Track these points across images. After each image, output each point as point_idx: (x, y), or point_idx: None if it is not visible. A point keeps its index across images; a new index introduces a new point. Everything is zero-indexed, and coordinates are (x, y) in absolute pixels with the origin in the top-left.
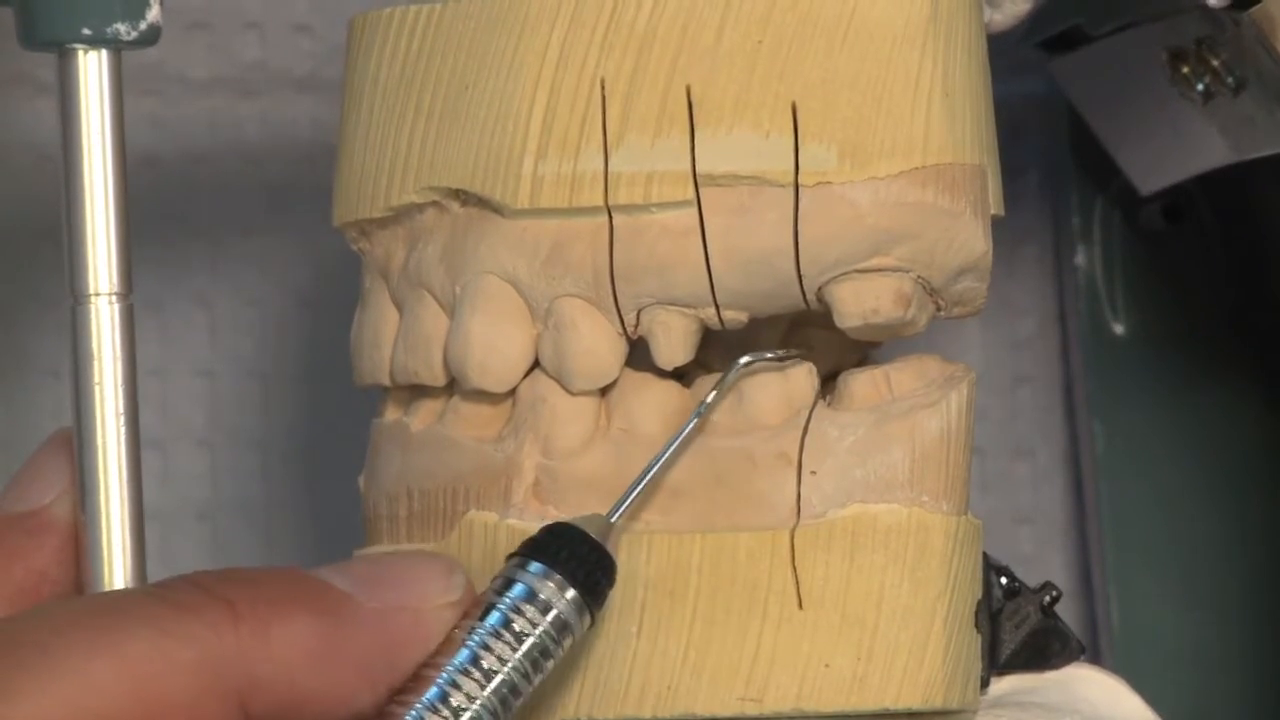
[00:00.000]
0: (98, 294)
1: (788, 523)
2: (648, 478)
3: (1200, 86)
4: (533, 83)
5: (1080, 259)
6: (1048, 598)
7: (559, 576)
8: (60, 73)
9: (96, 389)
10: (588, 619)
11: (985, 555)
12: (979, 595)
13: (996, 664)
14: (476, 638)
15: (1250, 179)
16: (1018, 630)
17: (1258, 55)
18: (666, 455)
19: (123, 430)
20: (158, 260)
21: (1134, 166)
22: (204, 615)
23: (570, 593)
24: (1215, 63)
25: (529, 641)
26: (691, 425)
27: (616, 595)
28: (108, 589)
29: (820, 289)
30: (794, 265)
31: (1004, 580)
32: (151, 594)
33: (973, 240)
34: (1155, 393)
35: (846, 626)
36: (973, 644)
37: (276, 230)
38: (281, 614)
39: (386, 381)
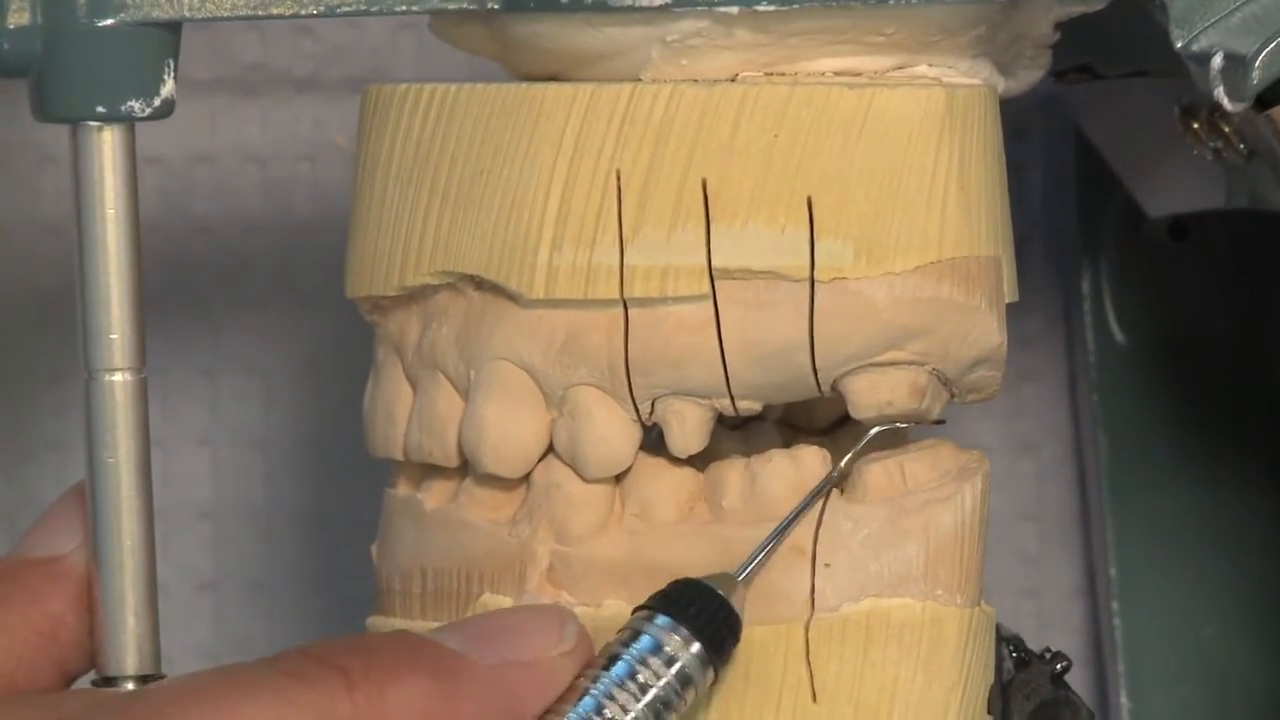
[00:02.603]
0: (112, 369)
1: (802, 615)
2: (774, 539)
3: (1212, 145)
4: (548, 172)
5: (1084, 269)
6: (1058, 667)
7: (685, 630)
8: (74, 147)
9: (110, 464)
10: (711, 674)
11: (997, 627)
12: (991, 681)
13: None
14: (600, 687)
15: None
16: (1028, 701)
17: (1271, 143)
18: (794, 518)
19: (136, 505)
20: (158, 259)
21: (1142, 192)
22: (319, 684)
23: (695, 647)
24: (1227, 130)
25: (652, 693)
26: (821, 490)
27: None
28: (120, 648)
29: (835, 381)
30: (809, 359)
31: (1014, 653)
32: (268, 665)
33: (988, 333)
34: (1159, 402)
35: None
36: None
37: (277, 230)
38: (396, 678)
39: (400, 457)
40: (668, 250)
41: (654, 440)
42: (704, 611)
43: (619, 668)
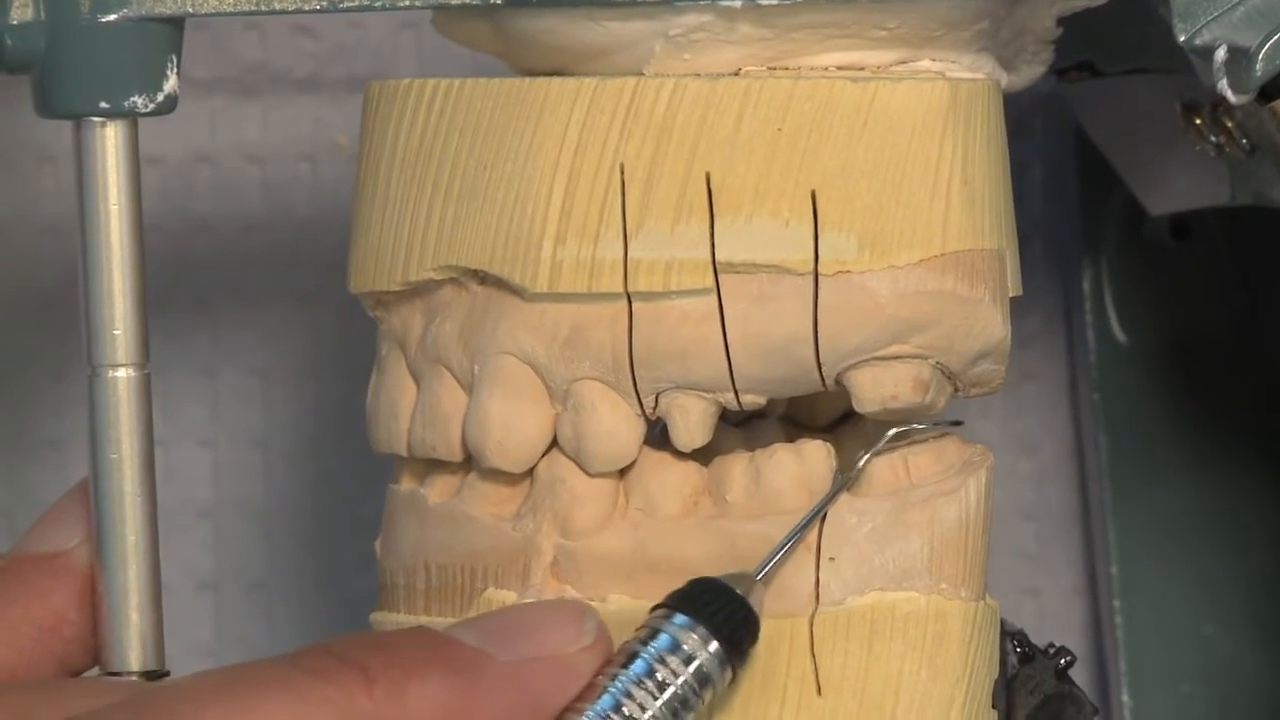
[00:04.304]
0: (115, 364)
1: (806, 609)
2: (793, 538)
3: (1214, 140)
4: (551, 167)
5: (1085, 268)
6: (1062, 662)
7: (703, 629)
8: (77, 143)
9: (114, 460)
10: (729, 673)
11: (1001, 622)
12: (996, 675)
13: None
14: (619, 685)
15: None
16: (1032, 696)
17: (1274, 136)
18: (813, 516)
19: (140, 501)
20: (159, 259)
21: (1144, 190)
22: (337, 680)
23: (714, 645)
24: (1229, 124)
25: (670, 691)
26: (838, 490)
27: None
28: (123, 644)
29: (839, 375)
30: (813, 353)
31: (1019, 647)
32: (286, 662)
33: (991, 326)
34: (1161, 401)
35: (865, 713)
36: None
37: (277, 229)
38: (415, 675)
39: (404, 453)
40: (671, 244)
41: (658, 435)
42: (722, 611)
43: (637, 665)
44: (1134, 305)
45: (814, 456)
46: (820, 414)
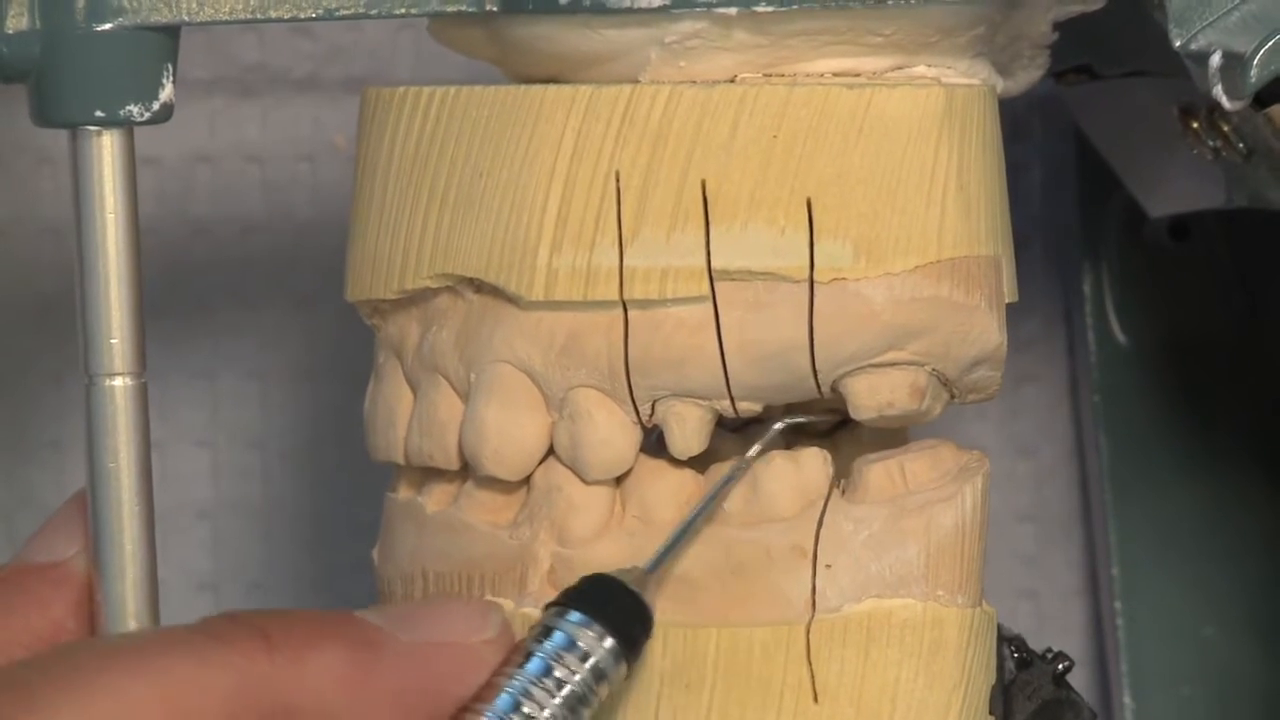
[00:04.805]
0: (112, 374)
1: (803, 616)
2: (683, 533)
3: (1211, 144)
4: (547, 174)
5: (1084, 270)
6: (1060, 667)
7: (599, 626)
8: (73, 151)
9: (111, 469)
10: (624, 668)
11: (998, 627)
12: (993, 681)
13: None
14: (517, 684)
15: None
16: (1029, 702)
17: (1270, 141)
18: (703, 510)
19: (137, 510)
20: (157, 260)
21: (1143, 192)
22: (239, 644)
23: (609, 642)
24: (1226, 128)
25: (568, 689)
26: (730, 480)
27: (632, 687)
28: None
29: (835, 382)
30: (809, 360)
31: (1016, 653)
32: (189, 627)
33: (987, 332)
34: (1161, 403)
35: None
36: None
37: (276, 230)
38: (315, 644)
39: (401, 461)
40: (667, 251)
41: (654, 442)
42: (615, 605)
43: (535, 664)
44: (1134, 307)
45: (810, 464)
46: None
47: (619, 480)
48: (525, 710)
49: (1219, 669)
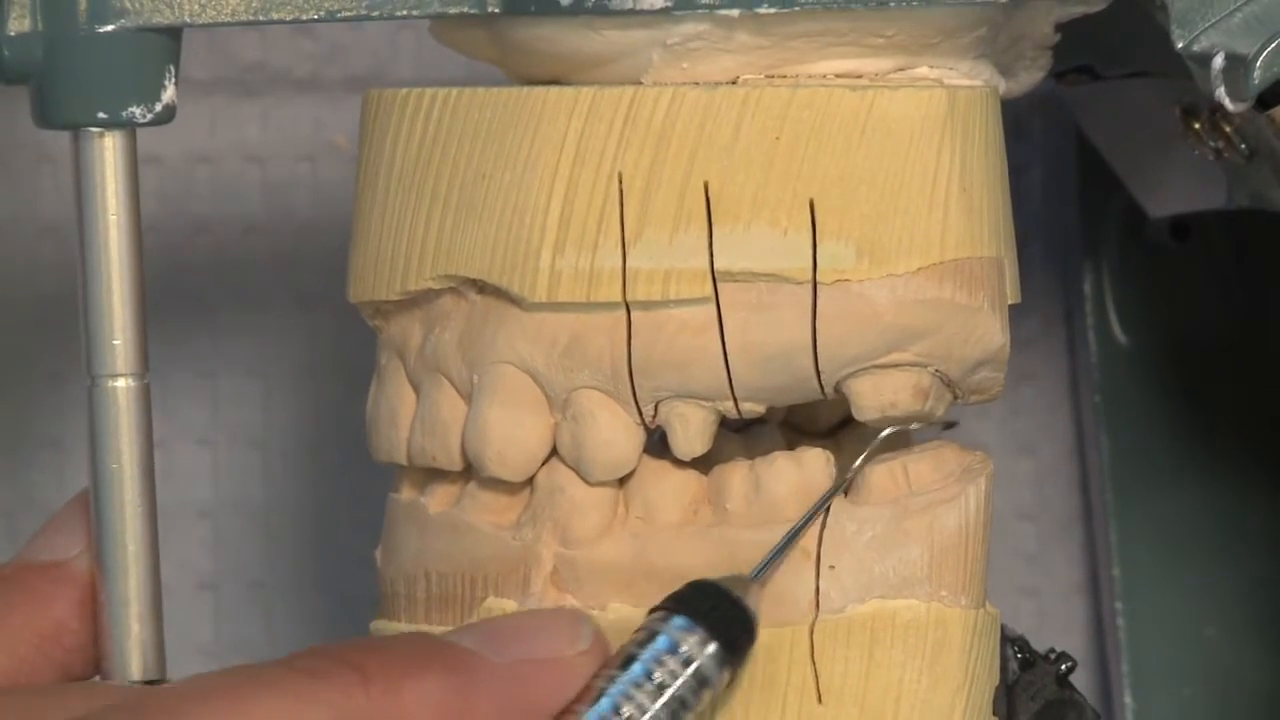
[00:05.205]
0: (114, 374)
1: (806, 617)
2: (789, 541)
3: (1213, 145)
4: (550, 176)
5: (1085, 269)
6: (1063, 668)
7: (702, 631)
8: (75, 153)
9: (114, 470)
10: (727, 674)
11: (1001, 627)
12: (996, 682)
13: None
14: (618, 687)
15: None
16: (1033, 702)
17: (1272, 143)
18: (810, 518)
19: (140, 510)
20: (158, 260)
21: (1144, 192)
22: (334, 680)
23: (712, 647)
24: (1228, 129)
25: (669, 692)
26: (835, 491)
27: None
28: (124, 653)
29: (838, 383)
30: (812, 361)
31: (1019, 653)
32: (282, 664)
33: (990, 334)
34: (1162, 403)
35: None
36: None
37: (277, 230)
38: (410, 675)
39: (403, 461)
40: (670, 253)
41: (657, 443)
42: (719, 612)
43: (636, 668)
44: (1134, 307)
45: (813, 464)
46: (820, 420)
47: (622, 481)
48: (625, 713)
49: (1220, 669)
